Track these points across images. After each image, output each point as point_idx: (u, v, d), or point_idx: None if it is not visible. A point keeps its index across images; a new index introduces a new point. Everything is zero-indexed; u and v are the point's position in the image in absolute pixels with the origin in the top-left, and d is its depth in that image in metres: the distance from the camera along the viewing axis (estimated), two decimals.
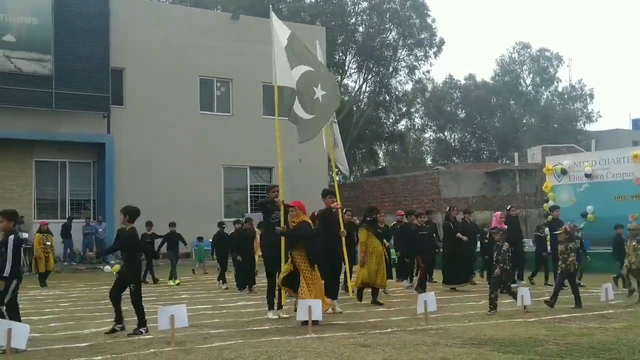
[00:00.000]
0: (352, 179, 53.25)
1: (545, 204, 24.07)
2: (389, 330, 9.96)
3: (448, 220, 16.72)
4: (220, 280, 17.80)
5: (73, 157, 28.80)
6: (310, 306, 9.80)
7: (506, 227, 16.03)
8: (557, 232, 13.57)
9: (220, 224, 18.70)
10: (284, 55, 12.49)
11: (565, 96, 67.11)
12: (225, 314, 12.26)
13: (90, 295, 16.59)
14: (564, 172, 24.37)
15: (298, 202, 11.21)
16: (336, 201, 12.45)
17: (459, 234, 16.39)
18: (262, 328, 10.38)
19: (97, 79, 27.92)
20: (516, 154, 45.67)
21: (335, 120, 14.47)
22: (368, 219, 13.60)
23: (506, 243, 12.40)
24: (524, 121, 66.49)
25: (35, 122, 27.01)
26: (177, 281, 18.83)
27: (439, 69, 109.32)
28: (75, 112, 27.75)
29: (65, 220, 27.27)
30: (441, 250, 16.96)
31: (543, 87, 68.09)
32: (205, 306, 13.62)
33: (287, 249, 11.33)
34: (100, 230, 26.93)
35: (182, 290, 17.46)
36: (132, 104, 29.54)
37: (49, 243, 19.37)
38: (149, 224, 18.88)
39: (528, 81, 68.60)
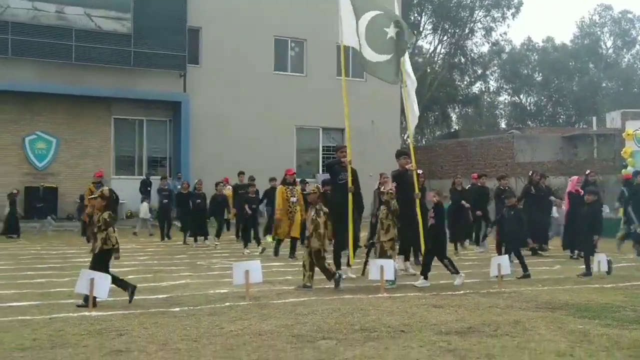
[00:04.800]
0: (424, 142, 52.76)
1: (623, 170, 23.29)
2: (462, 292, 9.90)
3: (529, 184, 16.44)
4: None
5: (150, 115, 29.39)
6: (382, 266, 9.81)
7: (582, 192, 15.63)
8: None
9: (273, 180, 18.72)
10: (350, 13, 12.27)
11: None
12: (298, 272, 12.38)
13: (167, 250, 17.03)
14: None
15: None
16: (411, 162, 12.29)
17: (463, 201, 16.43)
18: (333, 286, 10.45)
19: (174, 38, 28.28)
20: (594, 119, 44.26)
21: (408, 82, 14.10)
22: None
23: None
24: (603, 85, 64.34)
25: (113, 79, 27.63)
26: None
27: (516, 31, 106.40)
28: (153, 70, 28.24)
29: (143, 177, 27.94)
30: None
31: (624, 50, 65.64)
32: (278, 263, 13.80)
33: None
34: (179, 187, 27.20)
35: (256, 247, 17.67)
36: (207, 63, 29.84)
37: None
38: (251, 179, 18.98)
39: (609, 44, 66.23)
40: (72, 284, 8.76)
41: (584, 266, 12.01)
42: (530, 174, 17.18)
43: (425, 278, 10.62)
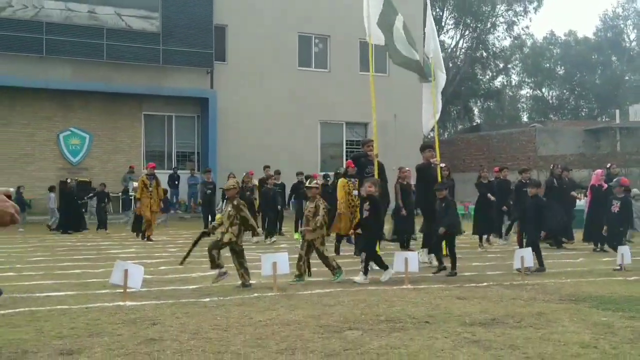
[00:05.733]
0: (446, 136, 52.51)
1: None
2: (485, 284, 9.87)
3: (552, 177, 16.32)
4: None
5: (179, 111, 29.62)
6: (407, 258, 9.82)
7: (606, 185, 15.52)
8: None
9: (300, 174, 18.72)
10: (374, 8, 12.32)
11: None
12: (320, 265, 12.43)
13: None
14: None
15: None
16: (436, 156, 12.28)
17: (488, 194, 16.05)
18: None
19: (202, 36, 28.47)
20: (617, 111, 43.71)
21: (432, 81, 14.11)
22: None
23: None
24: (626, 78, 63.46)
25: (143, 77, 27.89)
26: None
27: (538, 25, 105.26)
28: (181, 67, 28.45)
29: (171, 171, 28.25)
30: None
31: None
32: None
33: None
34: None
35: (282, 240, 17.78)
36: (233, 60, 29.97)
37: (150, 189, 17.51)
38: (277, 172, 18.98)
39: (632, 36, 65.27)
40: (107, 275, 8.89)
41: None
42: (551, 167, 17.06)
43: (365, 274, 10.10)
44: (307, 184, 10.72)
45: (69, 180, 22.17)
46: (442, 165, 14.68)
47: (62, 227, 19.95)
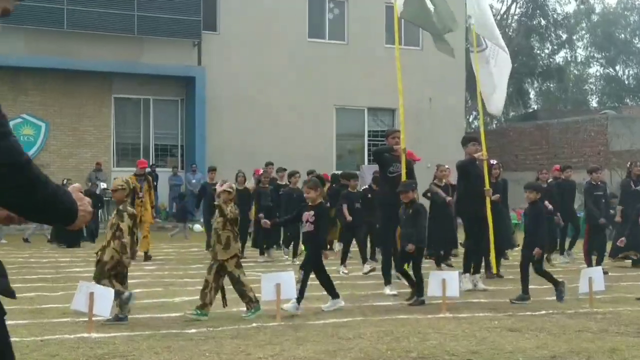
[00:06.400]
0: (494, 125, 52.40)
1: None
2: (544, 312, 9.88)
3: (629, 178, 16.26)
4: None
5: (158, 94, 29.69)
6: (445, 279, 9.81)
7: None
8: None
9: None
10: None
11: None
12: (338, 285, 12.43)
13: (179, 259, 17.22)
14: None
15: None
16: (481, 150, 12.25)
17: (545, 202, 15.50)
18: (384, 304, 10.52)
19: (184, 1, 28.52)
20: None
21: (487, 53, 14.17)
22: None
23: None
24: None
25: (114, 51, 27.95)
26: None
27: None
28: (161, 39, 28.51)
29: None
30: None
31: None
32: (313, 275, 13.83)
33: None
34: (194, 181, 27.42)
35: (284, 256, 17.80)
36: (227, 30, 29.99)
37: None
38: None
39: None
40: (68, 299, 8.92)
41: None
42: (628, 165, 16.98)
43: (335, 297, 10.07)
44: (217, 187, 10.09)
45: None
46: (493, 162, 14.65)
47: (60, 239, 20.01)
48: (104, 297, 8.42)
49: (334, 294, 10.08)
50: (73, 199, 2.78)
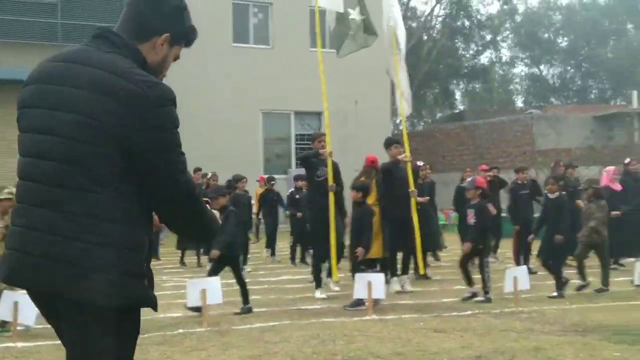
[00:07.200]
0: (421, 126, 52.99)
1: None
2: (469, 312, 10.04)
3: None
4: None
5: None
6: (370, 281, 9.91)
7: (620, 187, 15.76)
8: None
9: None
10: None
11: None
12: (266, 289, 12.49)
13: None
14: None
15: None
16: (404, 152, 12.43)
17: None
18: (311, 307, 10.60)
19: (108, 6, 28.20)
20: (635, 93, 44.59)
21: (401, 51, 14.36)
22: None
23: None
24: None
25: (38, 58, 27.32)
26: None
27: None
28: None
29: None
30: None
31: None
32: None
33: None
34: None
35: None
36: None
37: None
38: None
39: None
40: None
41: None
42: (552, 165, 17.28)
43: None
44: None
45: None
46: (420, 163, 14.85)
47: None
48: (29, 306, 8.31)
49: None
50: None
